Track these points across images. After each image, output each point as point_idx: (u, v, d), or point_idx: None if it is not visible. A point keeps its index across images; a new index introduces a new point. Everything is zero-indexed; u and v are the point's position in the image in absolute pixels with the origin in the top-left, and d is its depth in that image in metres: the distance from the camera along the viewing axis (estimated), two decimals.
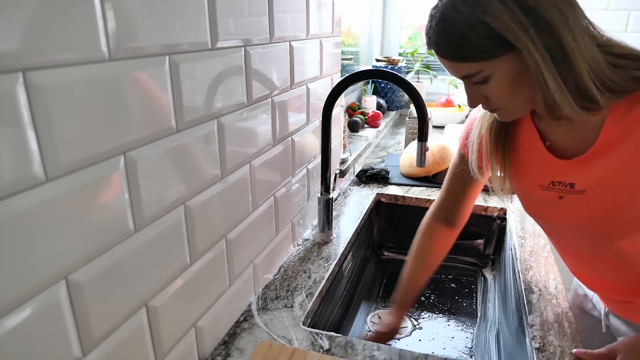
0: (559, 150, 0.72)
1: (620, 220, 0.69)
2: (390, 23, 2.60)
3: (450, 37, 0.61)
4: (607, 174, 0.66)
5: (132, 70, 0.51)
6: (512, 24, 0.57)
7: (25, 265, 0.41)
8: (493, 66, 0.61)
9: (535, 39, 0.57)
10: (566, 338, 0.78)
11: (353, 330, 1.10)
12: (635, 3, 2.15)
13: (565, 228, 0.78)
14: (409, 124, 1.77)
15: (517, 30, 0.57)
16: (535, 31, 0.57)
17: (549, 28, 0.57)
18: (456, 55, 0.62)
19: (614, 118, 0.63)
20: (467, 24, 0.59)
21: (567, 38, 0.57)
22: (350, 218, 1.24)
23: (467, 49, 0.60)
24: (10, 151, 0.38)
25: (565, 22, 0.57)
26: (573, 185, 0.70)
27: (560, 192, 0.72)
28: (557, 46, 0.58)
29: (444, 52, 0.63)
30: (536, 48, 0.57)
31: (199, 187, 0.66)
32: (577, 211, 0.72)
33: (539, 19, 0.57)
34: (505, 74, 0.62)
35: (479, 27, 0.58)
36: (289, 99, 0.93)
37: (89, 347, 0.49)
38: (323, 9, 1.06)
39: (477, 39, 0.59)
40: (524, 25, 0.57)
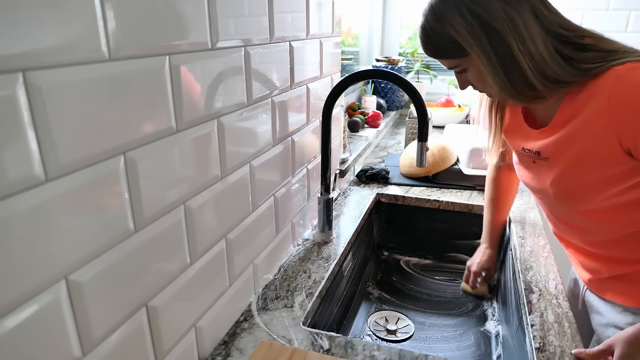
0: (533, 121, 0.87)
1: (576, 186, 0.80)
2: (390, 23, 2.60)
3: (428, 41, 0.78)
4: (562, 143, 0.78)
5: (132, 70, 0.51)
6: (468, 36, 0.72)
7: (25, 265, 0.41)
8: (465, 62, 0.78)
9: (486, 47, 0.72)
10: (566, 338, 0.78)
11: (353, 330, 1.10)
12: (635, 3, 2.15)
13: (540, 191, 0.89)
14: (409, 124, 1.77)
15: (470, 41, 0.72)
16: (487, 40, 0.71)
17: (499, 37, 0.71)
18: (436, 54, 0.80)
19: (570, 97, 0.76)
20: (437, 34, 0.76)
21: (515, 45, 0.70)
22: (350, 218, 1.24)
23: (441, 50, 0.78)
24: (10, 151, 0.38)
25: (514, 30, 0.70)
26: (539, 153, 0.83)
27: (532, 158, 0.86)
28: (507, 52, 0.71)
29: (428, 51, 0.80)
30: (484, 54, 0.73)
31: (199, 187, 0.66)
32: (544, 176, 0.85)
33: (491, 29, 0.71)
34: (476, 68, 0.77)
35: (445, 36, 0.75)
36: (289, 99, 0.93)
37: (89, 347, 0.49)
38: (323, 9, 1.06)
39: (446, 43, 0.76)
40: (478, 36, 0.72)
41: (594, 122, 0.71)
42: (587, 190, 0.78)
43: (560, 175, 0.81)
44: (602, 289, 0.90)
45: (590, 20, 2.13)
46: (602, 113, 0.70)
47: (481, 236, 1.17)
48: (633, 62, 0.68)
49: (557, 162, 0.80)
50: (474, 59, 0.75)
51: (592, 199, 0.79)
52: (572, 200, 0.82)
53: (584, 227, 0.86)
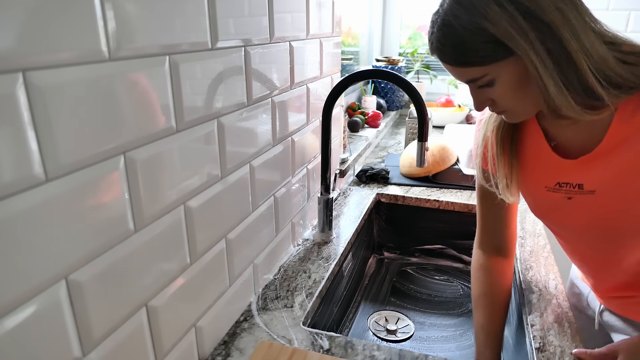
0: (565, 150, 0.71)
1: (630, 219, 0.68)
2: (390, 23, 2.60)
3: (452, 42, 0.61)
4: (617, 172, 0.65)
5: (132, 70, 0.51)
6: (512, 29, 0.57)
7: (25, 265, 0.41)
8: (497, 69, 0.61)
9: (535, 43, 0.57)
10: (566, 338, 0.78)
11: (353, 330, 1.10)
12: (635, 3, 2.15)
13: (575, 229, 0.77)
14: (409, 124, 1.77)
15: (516, 36, 0.57)
16: (535, 35, 0.57)
17: (550, 30, 0.57)
18: (459, 61, 0.62)
19: (622, 116, 0.63)
20: (467, 29, 0.58)
21: (569, 39, 0.57)
22: (350, 218, 1.24)
23: (468, 54, 0.60)
24: (10, 151, 0.38)
25: (566, 22, 0.57)
26: (582, 185, 0.69)
27: (568, 194, 0.71)
28: (559, 48, 0.57)
29: (447, 57, 0.63)
30: (535, 52, 0.57)
31: (199, 187, 0.66)
32: (586, 212, 0.71)
33: (539, 22, 0.56)
34: (510, 77, 0.61)
35: (479, 32, 0.58)
36: (289, 99, 0.93)
37: (89, 347, 0.49)
38: (323, 9, 1.06)
39: (478, 43, 0.59)
40: (523, 29, 0.56)
41: None
42: None
43: (616, 208, 0.68)
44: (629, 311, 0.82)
45: None
46: None
47: (478, 350, 0.83)
48: None
49: (610, 194, 0.67)
50: (511, 64, 0.59)
51: None
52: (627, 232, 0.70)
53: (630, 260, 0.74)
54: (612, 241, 0.74)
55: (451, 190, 1.43)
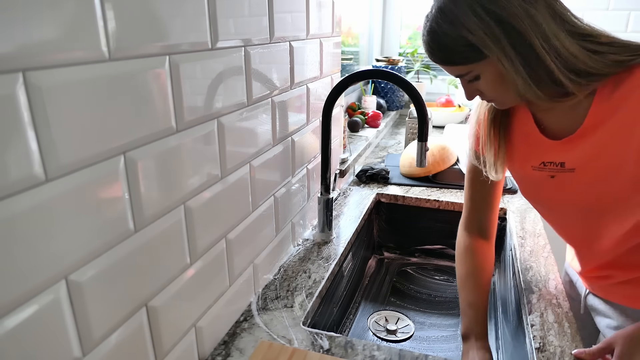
0: (551, 132, 0.78)
1: (607, 196, 0.73)
2: (390, 23, 2.60)
3: (438, 46, 0.69)
4: (595, 151, 0.71)
5: (132, 70, 0.51)
6: (486, 37, 0.65)
7: (25, 265, 0.41)
8: (479, 67, 0.69)
9: (506, 48, 0.65)
10: (566, 338, 0.78)
11: (353, 330, 1.10)
12: (635, 3, 2.15)
13: (558, 207, 0.82)
14: (409, 124, 1.77)
15: (489, 42, 0.65)
16: (507, 41, 0.65)
17: (520, 36, 0.64)
18: (445, 61, 0.71)
19: (600, 98, 0.69)
20: (449, 36, 0.67)
21: (538, 43, 0.64)
22: (350, 218, 1.24)
23: (452, 56, 0.69)
24: (11, 151, 0.38)
25: (537, 28, 0.64)
26: (563, 164, 0.76)
27: (551, 172, 0.78)
28: (529, 51, 0.65)
29: (436, 58, 0.72)
30: (506, 56, 0.66)
31: (199, 187, 0.66)
32: (567, 189, 0.77)
33: (511, 29, 0.64)
34: (491, 74, 0.69)
35: (459, 39, 0.66)
36: (289, 99, 0.93)
37: (89, 347, 0.49)
38: (323, 9, 1.06)
39: (459, 47, 0.67)
40: (497, 36, 0.65)
41: (635, 120, 0.66)
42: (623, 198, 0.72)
43: (593, 186, 0.74)
44: (611, 293, 0.88)
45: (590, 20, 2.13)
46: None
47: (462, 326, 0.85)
48: None
49: (587, 171, 0.73)
50: (491, 63, 0.68)
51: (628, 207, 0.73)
52: (604, 211, 0.76)
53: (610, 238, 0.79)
54: (592, 219, 0.79)
55: (451, 190, 1.43)
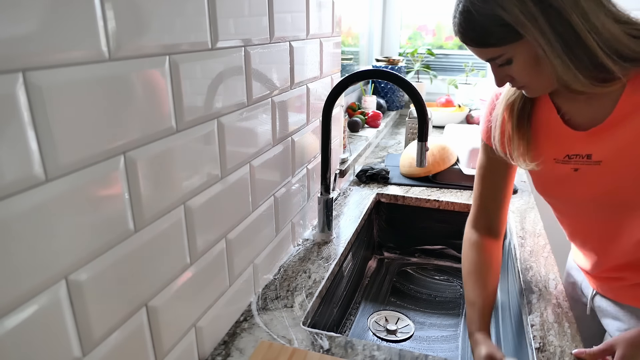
0: (576, 123, 0.75)
1: (632, 191, 0.70)
2: (390, 23, 2.60)
3: (471, 26, 0.67)
4: (624, 143, 0.69)
5: (132, 70, 0.51)
6: (522, 16, 0.62)
7: (26, 265, 0.41)
8: (513, 50, 0.66)
9: (544, 27, 0.62)
10: (566, 338, 0.78)
11: (353, 330, 1.10)
12: (635, 3, 2.14)
13: (579, 202, 0.79)
14: (409, 124, 1.77)
15: (525, 21, 0.62)
16: (544, 19, 0.62)
17: (558, 14, 0.61)
18: (478, 42, 0.68)
19: (632, 88, 0.67)
20: (483, 15, 0.64)
21: (578, 21, 0.61)
22: (350, 218, 1.24)
23: (485, 37, 0.66)
24: (10, 151, 0.38)
25: (575, 6, 0.61)
26: (590, 156, 0.73)
27: (576, 164, 0.75)
28: (569, 29, 0.62)
29: (468, 39, 0.69)
30: (543, 36, 0.62)
31: (199, 187, 0.66)
32: (592, 183, 0.74)
33: (548, 7, 0.61)
34: (525, 57, 0.66)
35: (493, 18, 0.64)
36: (289, 99, 0.93)
37: (89, 347, 0.49)
38: (323, 9, 1.06)
39: (493, 27, 0.65)
40: (533, 15, 0.62)
41: None
42: None
43: (619, 180, 0.71)
44: (622, 295, 0.85)
45: None
46: None
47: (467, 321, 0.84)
48: None
49: (614, 164, 0.71)
50: (526, 45, 0.65)
51: None
52: (627, 206, 0.73)
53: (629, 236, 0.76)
54: (614, 215, 0.76)
55: (451, 190, 1.43)
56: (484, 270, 0.87)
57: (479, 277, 0.86)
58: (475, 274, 0.87)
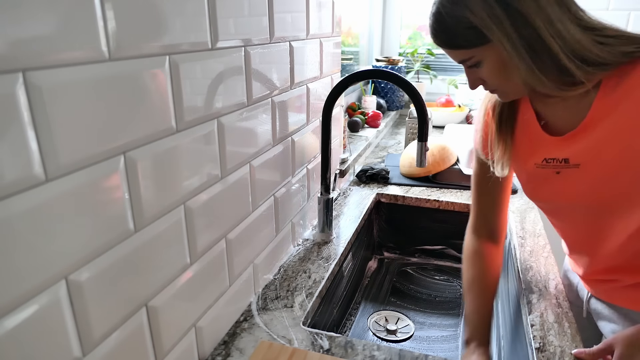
0: (554, 128, 0.76)
1: (613, 192, 0.72)
2: (390, 23, 2.60)
3: (442, 28, 0.69)
4: (599, 145, 0.70)
5: (132, 70, 0.51)
6: (488, 19, 0.64)
7: (26, 265, 0.41)
8: (481, 53, 0.68)
9: (509, 31, 0.64)
10: (566, 338, 0.78)
11: (353, 330, 1.10)
12: (635, 3, 2.15)
13: (564, 205, 0.80)
14: (409, 124, 1.77)
15: (491, 24, 0.64)
16: (510, 23, 0.63)
17: (524, 18, 0.63)
18: (448, 44, 0.70)
19: (605, 91, 0.68)
20: (452, 17, 0.67)
21: (542, 26, 0.63)
22: (350, 218, 1.24)
23: (454, 38, 0.68)
24: (10, 151, 0.38)
25: (540, 11, 0.63)
26: (567, 160, 0.74)
27: (556, 168, 0.76)
28: (533, 34, 0.63)
29: (439, 41, 0.71)
30: (508, 39, 0.64)
31: (199, 187, 0.66)
32: (573, 185, 0.75)
33: (514, 11, 0.63)
34: (493, 60, 0.68)
35: (462, 20, 0.66)
36: (289, 99, 0.93)
37: (89, 347, 0.49)
38: (323, 9, 1.06)
39: (461, 30, 0.67)
40: (499, 18, 0.63)
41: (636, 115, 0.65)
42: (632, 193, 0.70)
43: (600, 181, 0.72)
44: (615, 297, 0.86)
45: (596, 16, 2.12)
46: None
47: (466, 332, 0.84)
48: None
49: (593, 166, 0.72)
50: (493, 48, 0.66)
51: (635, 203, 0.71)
52: (611, 208, 0.74)
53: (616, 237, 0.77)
54: (598, 218, 0.77)
55: (451, 190, 1.43)
56: (484, 278, 0.88)
57: (480, 289, 0.87)
58: (478, 282, 0.87)
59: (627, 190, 0.70)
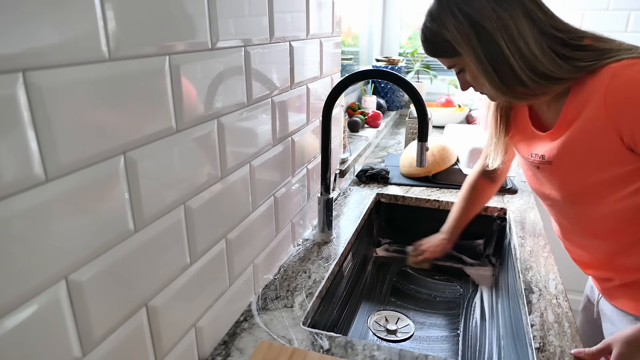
0: (541, 124, 0.85)
1: (583, 188, 0.79)
2: (390, 23, 2.60)
3: (426, 40, 0.81)
4: (566, 146, 0.77)
5: (132, 70, 0.51)
6: (458, 35, 0.74)
7: (26, 265, 0.41)
8: (461, 61, 0.78)
9: (475, 46, 0.74)
10: (566, 338, 0.78)
11: (353, 330, 1.10)
12: (635, 3, 2.15)
13: (549, 198, 0.88)
14: (409, 124, 1.77)
15: (460, 39, 0.75)
16: (476, 39, 0.73)
17: (488, 35, 0.72)
18: (433, 53, 0.81)
19: (572, 97, 0.75)
20: (432, 32, 0.78)
21: (503, 43, 0.72)
22: (350, 218, 1.24)
23: (436, 49, 0.80)
24: (10, 151, 0.38)
25: (503, 29, 0.71)
26: (544, 156, 0.82)
27: (536, 163, 0.85)
28: (496, 49, 0.73)
29: (426, 50, 0.82)
30: (473, 52, 0.74)
31: (199, 187, 0.66)
32: (550, 180, 0.84)
33: (480, 28, 0.72)
34: (470, 68, 0.78)
35: (439, 35, 0.77)
36: (289, 99, 0.93)
37: (89, 347, 0.49)
38: (323, 9, 1.06)
39: (440, 42, 0.78)
40: (467, 34, 0.73)
41: (594, 120, 0.71)
42: (596, 192, 0.77)
43: (567, 178, 0.80)
44: (614, 296, 0.89)
45: (590, 20, 2.13)
46: (600, 110, 0.70)
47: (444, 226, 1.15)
48: (629, 59, 0.68)
49: (561, 165, 0.79)
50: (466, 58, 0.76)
51: (602, 201, 0.78)
52: (582, 203, 0.82)
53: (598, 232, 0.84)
54: (575, 212, 0.85)
55: (451, 190, 1.43)
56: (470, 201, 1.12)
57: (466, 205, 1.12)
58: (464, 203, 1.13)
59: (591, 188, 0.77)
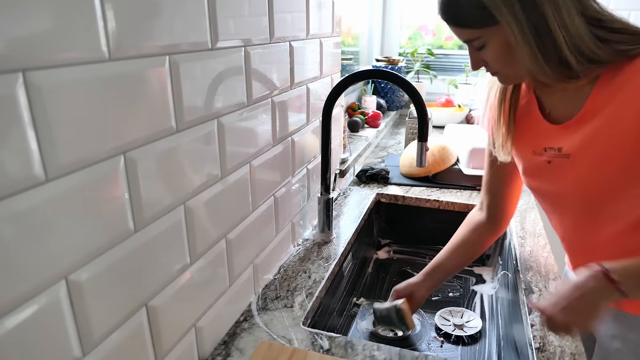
0: (554, 116, 0.77)
1: (598, 185, 0.72)
2: (390, 23, 2.60)
3: (451, 6, 0.69)
4: (590, 137, 0.71)
5: (132, 70, 0.51)
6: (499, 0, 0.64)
7: (26, 265, 0.41)
8: (488, 34, 0.68)
9: (518, 14, 0.63)
10: (566, 338, 0.78)
11: (353, 330, 1.10)
12: (635, 3, 2.15)
13: (554, 196, 0.82)
14: (409, 124, 1.77)
15: (501, 6, 0.64)
16: (520, 6, 0.63)
17: (533, 4, 0.63)
18: (456, 22, 0.70)
19: (601, 86, 0.69)
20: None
21: (550, 14, 0.63)
22: (350, 218, 1.24)
23: (463, 17, 0.68)
24: (11, 151, 0.38)
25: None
26: (561, 149, 0.75)
27: (549, 157, 0.77)
28: (541, 20, 0.63)
29: (448, 18, 0.70)
30: (516, 21, 0.64)
31: (199, 187, 0.66)
32: (562, 176, 0.77)
33: None
34: (499, 42, 0.68)
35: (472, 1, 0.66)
36: (289, 99, 0.93)
37: (89, 347, 0.49)
38: (323, 9, 1.06)
39: (471, 9, 0.66)
40: (510, 1, 0.63)
41: (628, 108, 0.65)
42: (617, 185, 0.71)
43: (586, 174, 0.73)
44: None
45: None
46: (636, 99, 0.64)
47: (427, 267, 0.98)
48: None
49: (581, 158, 0.73)
50: (501, 30, 0.66)
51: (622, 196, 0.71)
52: (597, 202, 0.75)
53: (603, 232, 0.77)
54: (586, 211, 0.78)
55: (451, 190, 1.43)
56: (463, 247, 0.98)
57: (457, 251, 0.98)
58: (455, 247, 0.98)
59: (611, 186, 0.71)
